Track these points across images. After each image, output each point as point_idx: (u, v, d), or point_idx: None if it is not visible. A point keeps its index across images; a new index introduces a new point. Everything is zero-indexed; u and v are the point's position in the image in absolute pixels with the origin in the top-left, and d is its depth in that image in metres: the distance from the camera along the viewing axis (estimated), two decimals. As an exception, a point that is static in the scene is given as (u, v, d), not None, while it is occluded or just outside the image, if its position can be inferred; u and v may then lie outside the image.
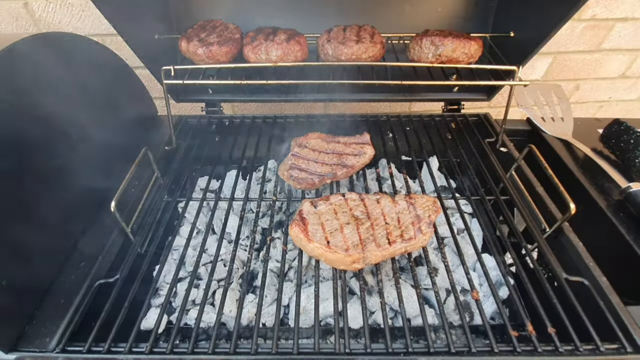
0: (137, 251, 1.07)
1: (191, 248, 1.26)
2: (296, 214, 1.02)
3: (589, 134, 1.43)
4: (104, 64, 1.29)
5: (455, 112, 1.54)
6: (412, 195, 1.05)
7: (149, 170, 1.29)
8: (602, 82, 2.33)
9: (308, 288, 1.10)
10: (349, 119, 1.52)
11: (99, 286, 0.97)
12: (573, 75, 2.27)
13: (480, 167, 1.30)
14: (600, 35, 2.10)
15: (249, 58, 1.16)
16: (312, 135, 1.23)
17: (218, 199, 1.20)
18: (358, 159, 1.18)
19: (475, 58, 1.13)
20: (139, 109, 1.47)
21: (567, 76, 2.27)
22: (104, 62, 1.30)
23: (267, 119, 1.54)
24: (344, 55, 1.14)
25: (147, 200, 1.20)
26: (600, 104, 2.47)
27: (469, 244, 1.26)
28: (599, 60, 2.22)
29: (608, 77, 2.30)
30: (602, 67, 2.25)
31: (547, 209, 1.12)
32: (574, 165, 1.26)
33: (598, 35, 2.10)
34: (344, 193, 1.07)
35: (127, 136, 1.35)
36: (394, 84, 1.13)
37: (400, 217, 1.00)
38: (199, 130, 1.52)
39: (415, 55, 1.15)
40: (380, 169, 1.45)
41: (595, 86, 2.35)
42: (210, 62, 1.16)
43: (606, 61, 2.23)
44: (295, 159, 1.16)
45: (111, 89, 1.31)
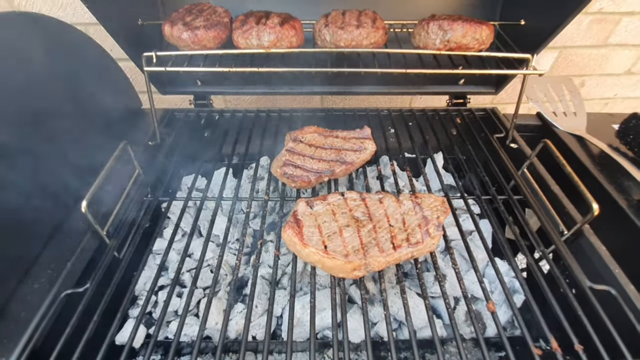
0: (112, 256, 0.96)
1: (175, 252, 1.15)
2: (290, 215, 0.92)
3: (603, 129, 1.34)
4: (82, 51, 1.18)
5: (461, 106, 1.45)
6: (419, 195, 0.95)
7: (130, 167, 1.18)
8: (607, 79, 2.27)
9: (303, 297, 1.00)
10: (348, 113, 1.42)
11: (67, 297, 0.86)
12: (579, 70, 2.20)
13: (490, 164, 1.21)
14: (607, 29, 2.03)
15: (238, 44, 1.05)
16: (308, 129, 1.13)
17: (205, 198, 1.09)
18: (358, 155, 1.08)
19: (487, 45, 1.03)
20: (121, 101, 1.36)
21: (572, 72, 2.19)
22: (83, 50, 1.19)
23: (260, 113, 1.43)
24: (343, 41, 1.04)
25: (126, 200, 1.09)
26: (606, 101, 2.41)
27: (478, 247, 1.17)
28: (605, 56, 2.15)
29: (614, 73, 2.24)
30: (608, 63, 2.19)
31: (565, 210, 1.03)
32: (589, 163, 1.17)
33: (605, 30, 2.03)
34: (343, 192, 0.96)
35: (106, 130, 1.24)
36: (398, 72, 1.03)
37: (405, 219, 0.90)
38: (186, 124, 1.41)
39: (421, 41, 1.05)
40: (381, 167, 1.35)
41: (600, 82, 2.28)
42: (196, 48, 1.05)
43: (612, 56, 2.16)
44: (289, 155, 1.06)
45: (90, 78, 1.20)
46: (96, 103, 1.23)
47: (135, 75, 1.60)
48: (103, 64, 1.27)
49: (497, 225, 1.06)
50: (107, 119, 1.26)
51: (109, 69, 1.31)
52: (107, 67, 1.29)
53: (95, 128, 1.19)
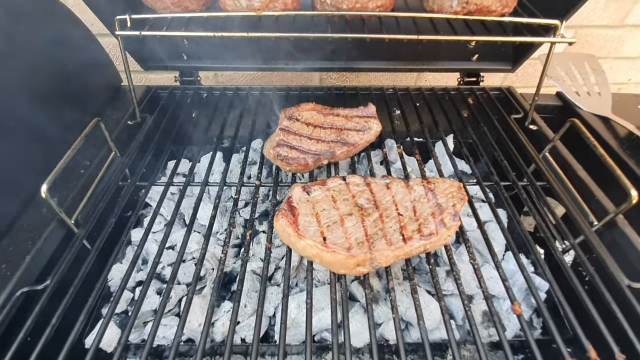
0: (81, 247, 0.84)
1: (156, 243, 1.03)
2: (284, 202, 0.80)
3: (630, 110, 1.22)
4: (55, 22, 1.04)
5: (473, 85, 1.32)
6: (431, 180, 0.83)
7: (106, 149, 1.05)
8: (622, 62, 2.15)
9: (299, 295, 0.89)
10: (350, 92, 1.29)
11: (24, 296, 0.74)
12: (594, 53, 2.05)
13: (508, 147, 1.09)
14: (625, 9, 1.90)
15: (225, 6, 0.91)
16: (306, 106, 1.00)
17: (189, 184, 0.97)
18: (362, 136, 0.96)
19: (511, 8, 0.90)
20: (99, 78, 1.22)
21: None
22: (56, 21, 1.05)
23: (253, 92, 1.30)
24: (346, 3, 0.90)
25: (100, 184, 0.96)
26: (619, 87, 2.28)
27: (493, 239, 1.06)
28: (621, 37, 2.03)
29: (629, 56, 2.11)
30: (624, 45, 2.06)
31: (594, 198, 0.91)
32: (618, 146, 1.05)
33: (623, 9, 1.90)
34: (345, 176, 0.84)
35: (80, 108, 1.11)
36: (409, 39, 0.90)
37: (417, 207, 0.78)
38: (171, 103, 1.27)
39: (435, 4, 0.91)
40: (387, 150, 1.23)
41: (615, 66, 2.16)
42: (177, 11, 0.91)
43: (629, 38, 2.04)
44: (284, 135, 0.93)
45: (63, 52, 1.06)
46: (70, 79, 1.09)
47: (118, 53, 1.47)
48: (79, 36, 1.13)
49: (516, 215, 0.95)
50: (82, 96, 1.12)
51: (86, 42, 1.16)
52: (83, 40, 1.15)
53: (67, 106, 1.05)
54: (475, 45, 1.11)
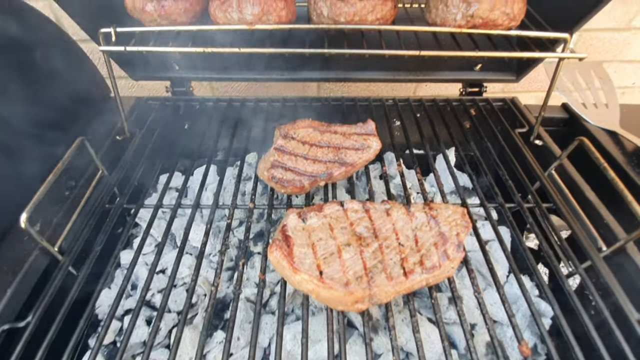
0: (66, 274, 0.80)
1: (145, 267, 0.99)
2: (278, 231, 0.75)
3: (638, 122, 1.18)
4: (31, 31, 0.98)
5: (476, 95, 1.27)
6: (433, 205, 0.79)
7: (92, 166, 1.00)
8: (627, 66, 2.10)
9: (294, 324, 0.85)
10: (348, 103, 1.24)
11: (5, 333, 0.70)
12: (598, 56, 2.02)
13: (512, 163, 1.05)
14: (632, 11, 1.85)
15: (216, 18, 0.86)
16: (302, 123, 0.95)
17: (179, 205, 0.92)
18: (360, 155, 0.91)
19: (518, 21, 0.85)
20: (83, 90, 1.16)
21: (591, 57, 2.02)
22: (32, 29, 0.99)
23: (247, 102, 1.25)
24: (344, 15, 0.85)
25: (86, 206, 0.92)
26: (623, 90, 2.24)
27: (497, 260, 1.02)
28: (626, 40, 1.98)
29: (635, 59, 2.07)
30: (629, 48, 2.02)
31: (603, 221, 0.88)
32: (626, 163, 1.01)
33: (629, 12, 1.85)
34: (343, 201, 0.80)
35: (64, 124, 1.06)
36: (411, 54, 0.86)
37: (418, 236, 0.74)
38: (161, 115, 1.22)
39: (438, 16, 0.86)
40: (386, 165, 1.18)
41: (620, 70, 2.11)
42: (164, 23, 0.86)
43: (634, 41, 1.99)
44: (279, 155, 0.89)
45: (43, 62, 1.00)
46: (52, 92, 1.04)
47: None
48: (58, 45, 1.07)
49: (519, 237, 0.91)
50: (66, 110, 1.07)
51: (68, 51, 1.10)
52: (64, 49, 1.09)
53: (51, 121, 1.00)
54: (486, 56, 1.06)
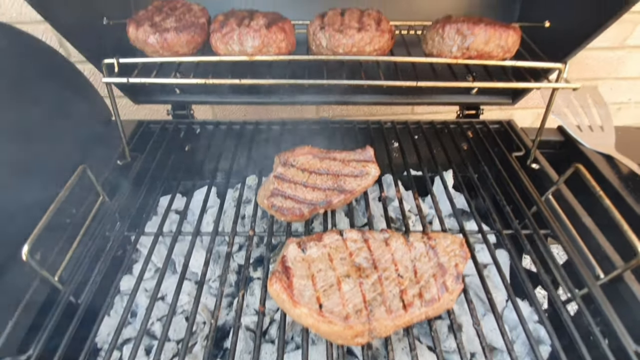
0: (67, 304, 0.81)
1: (145, 294, 0.99)
2: (278, 262, 0.76)
3: (634, 146, 1.19)
4: (27, 57, 0.99)
5: (473, 118, 1.29)
6: (432, 235, 0.80)
7: (93, 193, 1.01)
8: (622, 83, 2.13)
9: (294, 353, 0.85)
10: (347, 126, 1.26)
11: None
12: (593, 74, 2.05)
13: (509, 188, 1.06)
14: (626, 30, 1.89)
15: (217, 49, 0.88)
16: (301, 150, 0.97)
17: (179, 233, 0.93)
18: (359, 182, 0.92)
19: (512, 53, 0.87)
20: (84, 114, 1.17)
21: (586, 75, 2.05)
22: (29, 56, 1.00)
23: (247, 125, 1.26)
24: (342, 47, 0.87)
25: (86, 234, 0.93)
26: (619, 106, 2.27)
27: (495, 286, 1.03)
28: (621, 58, 2.01)
29: (629, 77, 2.10)
30: (624, 66, 2.05)
31: (600, 248, 0.88)
32: (622, 188, 1.02)
33: (624, 30, 1.89)
34: (342, 230, 0.81)
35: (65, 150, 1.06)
36: (407, 85, 0.87)
37: (417, 267, 0.75)
38: (163, 138, 1.23)
39: (434, 48, 0.88)
40: (385, 187, 1.19)
41: (615, 86, 2.15)
42: (166, 54, 0.88)
43: (628, 59, 2.02)
44: (278, 183, 0.90)
45: (41, 88, 1.02)
46: (54, 117, 1.05)
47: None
48: (57, 70, 1.08)
49: (517, 260, 0.92)
50: (66, 137, 1.08)
51: (67, 75, 1.11)
52: (63, 73, 1.10)
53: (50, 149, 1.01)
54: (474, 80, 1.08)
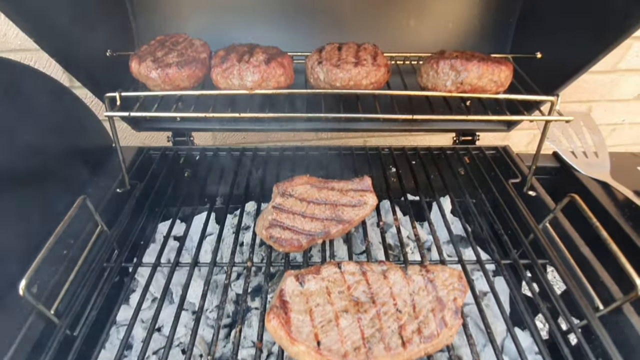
0: (63, 338, 0.80)
1: (142, 326, 0.98)
2: (275, 296, 0.76)
3: (628, 172, 1.21)
4: (21, 87, 0.99)
5: (469, 144, 1.31)
6: (430, 268, 0.80)
7: (92, 222, 1.01)
8: (616, 104, 2.17)
9: (292, 388, 0.83)
10: (345, 152, 1.27)
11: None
12: (587, 96, 2.09)
13: (506, 215, 1.06)
14: (617, 54, 1.93)
15: (217, 83, 0.90)
16: (299, 179, 0.98)
17: (177, 263, 0.93)
18: (357, 212, 0.93)
19: (505, 86, 0.90)
20: (83, 141, 1.18)
21: (580, 97, 2.09)
22: (23, 86, 1.00)
23: (246, 152, 1.28)
24: (340, 80, 0.89)
25: (84, 265, 0.92)
26: (613, 127, 2.31)
27: (495, 316, 1.02)
28: (614, 81, 2.06)
29: (623, 98, 2.14)
30: (617, 88, 2.09)
31: (599, 279, 0.88)
32: (619, 216, 1.03)
33: (615, 55, 1.94)
34: (340, 263, 0.81)
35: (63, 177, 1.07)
36: (404, 118, 0.89)
37: (416, 301, 0.75)
38: (163, 165, 1.25)
39: (429, 82, 0.91)
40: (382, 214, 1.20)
41: (608, 108, 2.18)
42: (167, 88, 0.90)
43: (621, 82, 2.07)
44: (277, 214, 0.90)
45: (37, 117, 1.00)
46: (51, 147, 1.04)
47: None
48: (57, 98, 1.08)
49: (516, 289, 0.92)
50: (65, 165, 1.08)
51: (67, 104, 1.11)
52: (63, 101, 1.09)
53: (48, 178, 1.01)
54: (470, 104, 1.10)
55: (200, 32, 1.08)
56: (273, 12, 1.15)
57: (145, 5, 1.15)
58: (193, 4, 1.13)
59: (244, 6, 1.14)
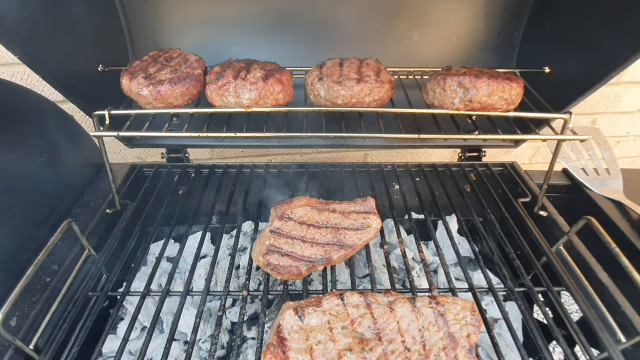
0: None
1: (130, 359, 0.91)
2: (273, 332, 0.70)
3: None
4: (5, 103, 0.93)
5: (475, 160, 1.26)
6: (441, 299, 0.74)
7: (79, 246, 0.95)
8: (620, 117, 2.14)
9: None
10: (346, 169, 1.22)
11: None
12: (591, 109, 2.06)
13: (516, 236, 1.01)
14: (621, 67, 1.90)
15: (213, 101, 0.86)
16: (299, 201, 0.92)
17: (168, 293, 0.87)
18: (360, 236, 0.87)
19: (516, 104, 0.85)
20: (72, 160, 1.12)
21: (584, 110, 2.05)
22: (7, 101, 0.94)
23: (243, 169, 1.23)
24: (342, 98, 0.85)
25: (68, 293, 0.86)
26: (618, 139, 2.27)
27: (508, 345, 0.96)
28: (618, 94, 2.03)
29: (627, 111, 2.11)
30: (621, 101, 2.06)
31: (620, 308, 0.82)
32: (636, 238, 0.98)
33: (619, 68, 1.90)
34: (343, 294, 0.75)
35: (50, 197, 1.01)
36: (410, 137, 0.84)
37: (426, 338, 0.69)
38: (156, 183, 1.19)
39: (436, 99, 0.86)
40: (386, 234, 1.14)
41: (613, 121, 2.15)
42: (160, 107, 0.85)
43: (626, 94, 2.04)
44: (275, 239, 0.85)
45: (24, 131, 0.95)
46: (37, 165, 0.98)
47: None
48: (45, 115, 1.02)
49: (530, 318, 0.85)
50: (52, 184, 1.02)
51: (56, 120, 1.05)
52: (52, 118, 1.04)
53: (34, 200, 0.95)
54: (477, 119, 1.06)
55: (197, 46, 1.04)
56: (272, 25, 1.11)
57: (140, 19, 1.11)
58: (189, 18, 1.10)
59: (242, 20, 1.11)
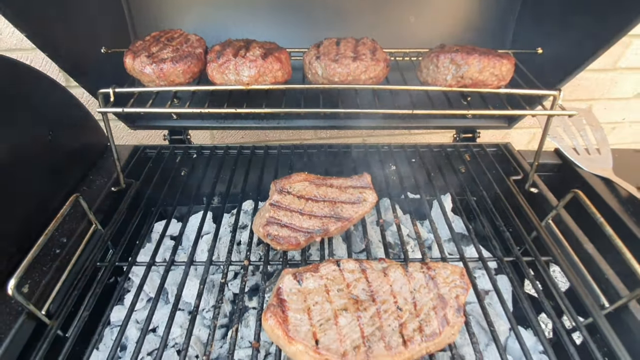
0: (52, 341, 0.77)
1: (136, 326, 0.95)
2: (273, 295, 0.74)
3: (630, 168, 1.19)
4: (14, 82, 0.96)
5: (470, 141, 1.29)
6: (431, 265, 0.78)
7: (86, 221, 0.99)
8: (615, 103, 2.16)
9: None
10: (344, 150, 1.26)
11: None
12: (587, 95, 2.08)
13: (508, 212, 1.05)
14: (616, 52, 1.92)
15: (213, 79, 0.89)
16: (297, 177, 0.96)
17: (172, 262, 0.91)
18: (356, 209, 0.91)
19: (507, 80, 0.88)
20: (82, 141, 1.17)
21: (580, 96, 2.08)
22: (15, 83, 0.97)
23: (243, 150, 1.26)
24: (338, 76, 0.88)
25: (77, 264, 0.90)
26: (613, 125, 2.30)
27: (497, 314, 1.00)
28: (613, 79, 2.05)
29: (622, 97, 2.13)
30: (616, 87, 2.08)
31: (604, 276, 0.86)
32: (622, 212, 1.02)
33: (614, 53, 1.93)
34: (339, 260, 0.79)
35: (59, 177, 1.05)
36: (403, 113, 0.87)
37: (417, 299, 0.73)
38: (159, 163, 1.23)
39: (429, 76, 0.89)
40: (382, 211, 1.18)
41: (608, 107, 2.17)
42: (162, 84, 0.88)
43: (621, 80, 2.06)
44: (274, 211, 0.88)
45: (31, 115, 0.99)
46: (45, 144, 1.02)
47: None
48: (50, 96, 1.06)
49: (519, 287, 0.89)
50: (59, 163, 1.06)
51: (61, 102, 1.09)
52: (58, 99, 1.08)
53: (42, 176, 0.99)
54: (471, 100, 1.09)
55: (197, 27, 1.07)
56: (270, 7, 1.14)
57: (141, 1, 1.13)
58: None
59: (241, 1, 1.13)
